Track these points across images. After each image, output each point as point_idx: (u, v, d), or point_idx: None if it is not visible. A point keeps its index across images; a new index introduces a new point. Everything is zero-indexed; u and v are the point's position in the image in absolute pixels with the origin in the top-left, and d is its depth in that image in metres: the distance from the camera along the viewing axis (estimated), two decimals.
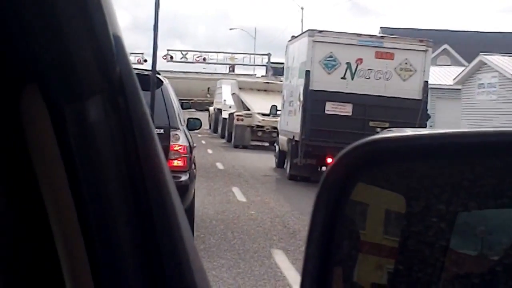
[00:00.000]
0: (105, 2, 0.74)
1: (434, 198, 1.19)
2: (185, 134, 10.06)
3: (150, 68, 12.72)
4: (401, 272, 1.22)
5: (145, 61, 67.30)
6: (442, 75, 40.30)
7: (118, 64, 0.76)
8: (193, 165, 10.24)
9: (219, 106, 44.16)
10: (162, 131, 9.51)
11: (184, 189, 9.68)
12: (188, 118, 12.40)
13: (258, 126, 34.52)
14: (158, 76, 10.14)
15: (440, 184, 1.21)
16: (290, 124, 22.22)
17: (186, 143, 9.77)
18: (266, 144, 34.46)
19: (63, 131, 0.74)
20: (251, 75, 63.11)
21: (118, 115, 0.77)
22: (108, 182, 0.78)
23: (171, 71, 58.20)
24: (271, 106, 32.71)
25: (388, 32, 45.52)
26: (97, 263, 0.81)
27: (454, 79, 37.52)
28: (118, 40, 0.76)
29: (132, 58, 70.18)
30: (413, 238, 1.19)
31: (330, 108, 20.13)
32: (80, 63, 0.72)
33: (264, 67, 63.97)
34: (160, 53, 71.68)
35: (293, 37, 24.16)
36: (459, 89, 37.36)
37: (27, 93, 0.72)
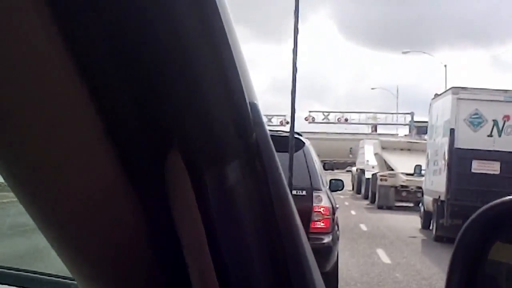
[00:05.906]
0: (242, 70, 0.78)
1: None
2: (328, 195, 10.04)
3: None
4: None
5: (287, 122, 67.99)
6: None
7: (254, 130, 0.80)
8: (336, 227, 10.17)
9: (361, 167, 43.80)
10: (304, 192, 9.53)
11: (327, 251, 9.61)
12: (330, 180, 12.36)
13: (402, 186, 33.94)
14: (299, 137, 10.21)
15: None
16: (435, 183, 21.71)
17: (328, 205, 9.74)
18: (411, 204, 33.74)
19: (203, 194, 0.77)
20: (394, 134, 62.46)
21: (256, 178, 0.81)
22: (246, 240, 0.81)
23: (313, 132, 58.61)
24: (415, 166, 32.13)
25: None
26: None
27: None
28: (254, 106, 0.80)
29: (275, 120, 71.42)
30: None
31: (477, 166, 19.55)
32: (220, 130, 0.76)
33: (407, 126, 63.13)
34: (302, 114, 72.52)
35: (437, 95, 23.79)
36: None
37: (170, 159, 0.76)
